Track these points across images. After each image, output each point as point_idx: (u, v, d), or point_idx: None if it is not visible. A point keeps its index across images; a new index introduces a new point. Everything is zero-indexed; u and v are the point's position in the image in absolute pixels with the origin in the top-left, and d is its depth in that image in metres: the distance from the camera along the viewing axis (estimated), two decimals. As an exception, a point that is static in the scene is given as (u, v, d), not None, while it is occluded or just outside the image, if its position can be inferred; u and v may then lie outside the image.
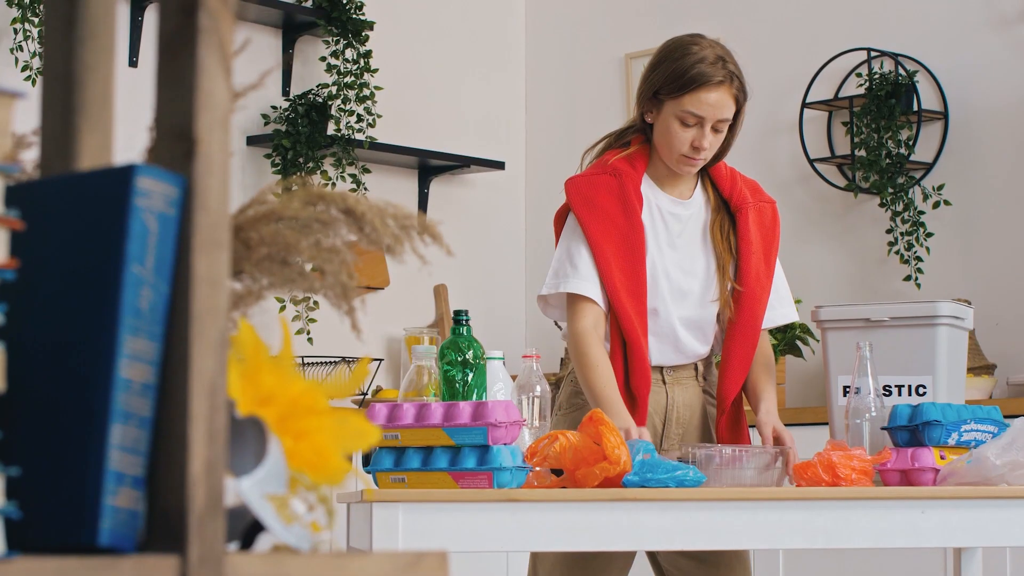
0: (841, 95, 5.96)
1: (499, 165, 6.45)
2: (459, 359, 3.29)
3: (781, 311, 3.71)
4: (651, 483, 3.06)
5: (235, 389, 1.30)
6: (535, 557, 3.65)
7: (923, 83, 5.82)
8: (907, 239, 5.74)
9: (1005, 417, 3.48)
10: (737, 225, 3.62)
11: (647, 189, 3.61)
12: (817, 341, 5.54)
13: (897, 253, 5.76)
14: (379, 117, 6.04)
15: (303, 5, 6.01)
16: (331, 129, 5.99)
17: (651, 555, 3.71)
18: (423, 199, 6.37)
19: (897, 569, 5.05)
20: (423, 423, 3.07)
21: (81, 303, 1.21)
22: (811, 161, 5.98)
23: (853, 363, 3.43)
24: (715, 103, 3.50)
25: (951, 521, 3.16)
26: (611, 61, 6.56)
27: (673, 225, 3.61)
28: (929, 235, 5.72)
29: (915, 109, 5.79)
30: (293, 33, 6.06)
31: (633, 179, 3.57)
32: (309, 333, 5.87)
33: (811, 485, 3.19)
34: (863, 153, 5.81)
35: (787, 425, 3.59)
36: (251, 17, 5.88)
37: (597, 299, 3.51)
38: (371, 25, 6.06)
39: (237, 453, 1.32)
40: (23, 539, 1.20)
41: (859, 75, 5.91)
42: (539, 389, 3.39)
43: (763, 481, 3.26)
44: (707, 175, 3.67)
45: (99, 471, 1.18)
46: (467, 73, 6.56)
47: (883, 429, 3.36)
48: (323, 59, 6.03)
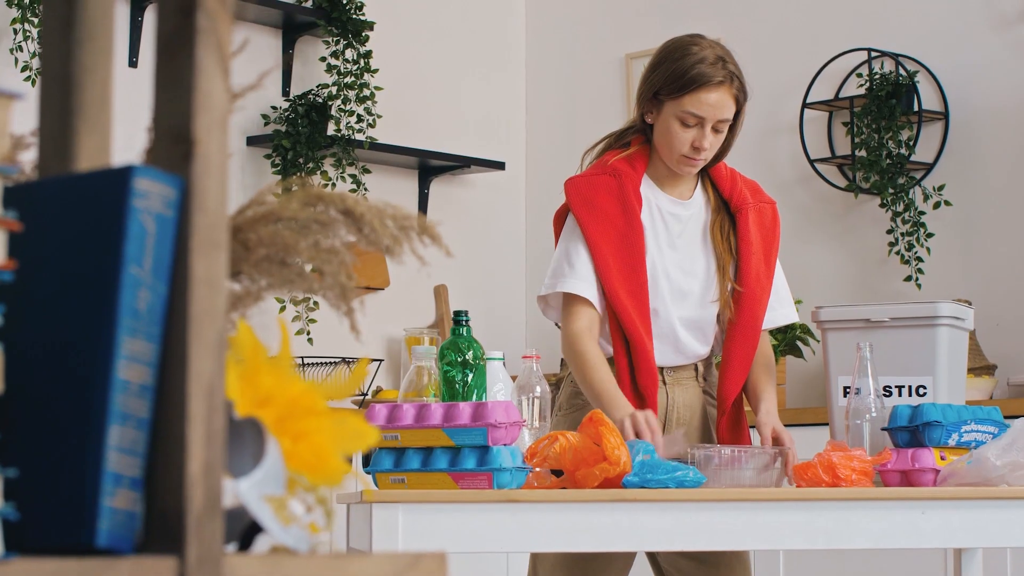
0: (842, 95, 5.95)
1: (499, 165, 6.44)
2: (459, 360, 3.29)
3: (781, 312, 3.70)
4: (651, 484, 3.06)
5: (233, 390, 1.30)
6: (535, 558, 3.65)
7: (924, 83, 5.82)
8: (908, 239, 5.74)
9: (1005, 418, 3.48)
10: (737, 226, 3.62)
11: (647, 189, 3.61)
12: (817, 341, 5.54)
13: (898, 253, 5.76)
14: (379, 117, 6.04)
15: (303, 5, 6.01)
16: (331, 129, 5.98)
17: (651, 556, 3.71)
18: (423, 199, 6.37)
19: (898, 570, 5.05)
20: (423, 424, 3.06)
21: (79, 304, 1.21)
22: (811, 161, 5.98)
23: (853, 364, 3.43)
24: (715, 103, 3.50)
25: (951, 522, 3.16)
26: (611, 61, 6.55)
27: (673, 225, 3.61)
28: (930, 235, 5.72)
29: (916, 109, 5.78)
30: (293, 33, 6.05)
31: (633, 179, 3.57)
32: (309, 334, 5.87)
33: (811, 486, 3.19)
34: (863, 153, 5.81)
35: (787, 426, 3.59)
36: (251, 17, 5.87)
37: (593, 300, 3.51)
38: (371, 25, 6.06)
39: (235, 454, 1.32)
40: (21, 540, 1.20)
41: (859, 75, 5.91)
42: (539, 390, 3.39)
43: (762, 482, 3.26)
44: (707, 175, 3.67)
45: (97, 472, 1.18)
46: (467, 73, 6.56)
47: (883, 430, 3.36)
48: (323, 59, 6.02)
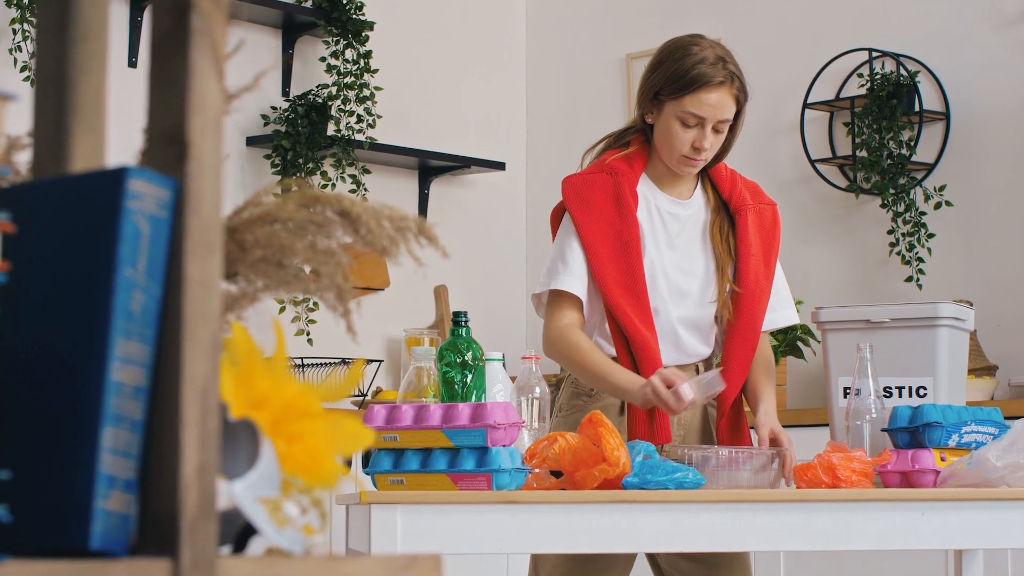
0: (842, 95, 5.95)
1: (499, 166, 6.44)
2: (458, 360, 3.29)
3: (782, 313, 3.70)
4: (650, 485, 3.05)
5: (228, 392, 1.30)
6: (536, 559, 3.65)
7: (924, 83, 5.81)
8: (908, 240, 5.73)
9: (1006, 418, 3.47)
10: (736, 227, 3.62)
11: (646, 189, 3.61)
12: (818, 342, 5.53)
13: (898, 254, 5.75)
14: (379, 117, 6.03)
15: (303, 5, 6.00)
16: (331, 130, 5.98)
17: (651, 557, 3.71)
18: (423, 200, 6.36)
19: (898, 571, 5.04)
20: (422, 425, 3.06)
21: (73, 306, 1.20)
22: (812, 162, 5.97)
23: (854, 364, 3.43)
24: (716, 104, 3.49)
25: (951, 523, 3.16)
26: (612, 61, 6.55)
27: (672, 225, 3.61)
28: (931, 236, 5.72)
29: (916, 110, 5.78)
30: (293, 33, 6.04)
31: (629, 177, 3.57)
32: (309, 334, 5.86)
33: (811, 487, 3.19)
34: (864, 154, 5.80)
35: (788, 426, 3.58)
36: (251, 17, 5.87)
37: (583, 298, 3.52)
38: (371, 25, 6.05)
39: (230, 456, 1.31)
40: (14, 543, 1.20)
41: (860, 75, 5.91)
42: (538, 391, 3.38)
43: (759, 483, 3.25)
44: (707, 176, 3.67)
45: (90, 474, 1.18)
46: (467, 73, 6.55)
47: (883, 431, 3.36)
48: (323, 59, 6.02)
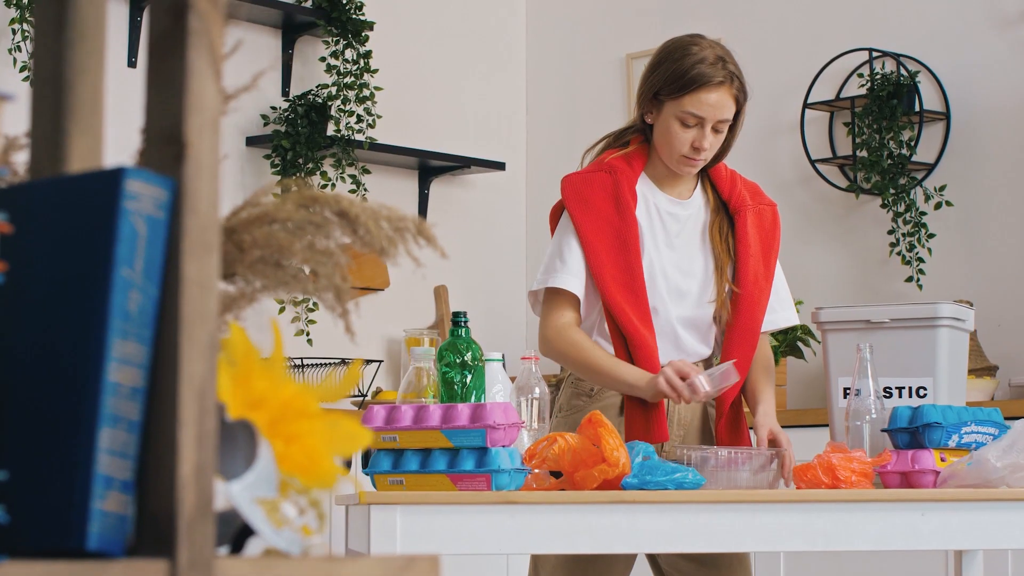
0: (843, 95, 5.95)
1: (499, 166, 6.44)
2: (457, 361, 3.29)
3: (782, 314, 3.70)
4: (650, 485, 3.05)
5: (225, 392, 1.30)
6: (536, 560, 3.64)
7: (925, 83, 5.81)
8: (909, 240, 5.73)
9: (1007, 419, 3.47)
10: (735, 227, 3.61)
11: (645, 188, 3.61)
12: (818, 342, 5.53)
13: (899, 254, 5.75)
14: (379, 117, 6.03)
15: (303, 5, 6.00)
16: (331, 130, 5.98)
17: (651, 557, 3.70)
18: (423, 200, 6.36)
19: (898, 571, 5.04)
20: (421, 425, 3.06)
21: (70, 306, 1.20)
22: (812, 162, 5.97)
23: (853, 365, 3.43)
24: (715, 103, 3.49)
25: (951, 523, 3.15)
26: (612, 61, 6.55)
27: (671, 225, 3.61)
28: (931, 236, 5.71)
29: (917, 109, 5.78)
30: (293, 33, 6.04)
31: (628, 176, 3.57)
32: (309, 335, 5.86)
33: (811, 487, 3.18)
34: (865, 154, 5.80)
35: (788, 427, 3.58)
36: (250, 17, 5.87)
37: (580, 296, 3.51)
38: (371, 25, 6.05)
39: (227, 457, 1.31)
40: (11, 544, 1.20)
41: (861, 75, 5.90)
42: (538, 391, 3.38)
43: (758, 483, 3.25)
44: (707, 176, 3.67)
45: (88, 475, 1.18)
46: (467, 73, 6.55)
47: (883, 431, 3.35)
48: (323, 59, 6.02)
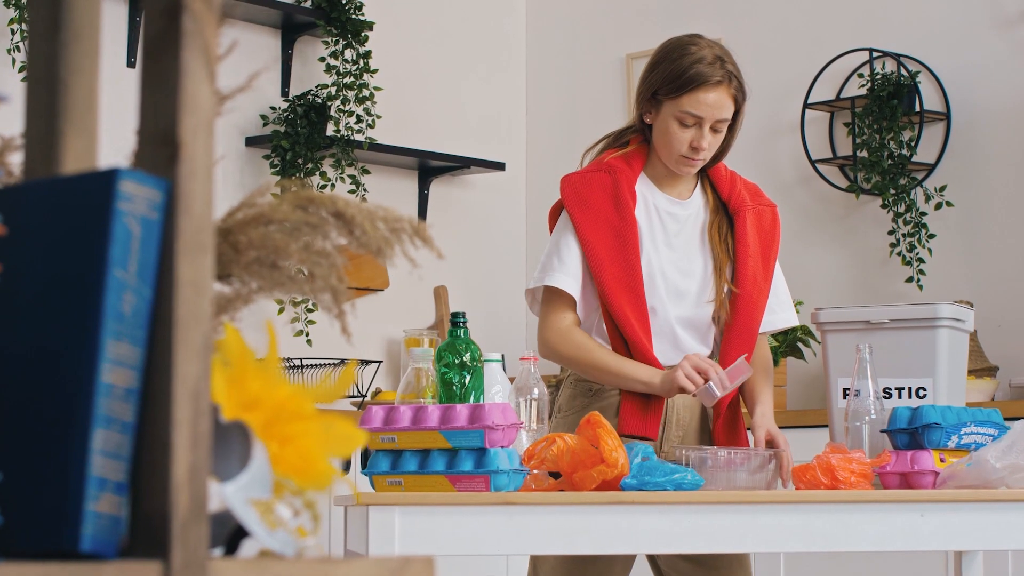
0: (843, 96, 5.94)
1: (499, 166, 6.43)
2: (456, 361, 3.28)
3: (781, 315, 3.69)
4: (649, 486, 3.05)
5: (220, 393, 1.29)
6: (535, 560, 3.64)
7: (925, 84, 5.81)
8: (909, 240, 5.73)
9: (1007, 419, 3.47)
10: (734, 228, 3.61)
11: (644, 188, 3.60)
12: (818, 343, 5.53)
13: (899, 255, 5.75)
14: (379, 118, 6.03)
15: (302, 5, 6.00)
16: (330, 130, 5.97)
17: (651, 558, 3.70)
18: (423, 200, 6.35)
19: (898, 572, 5.04)
20: (420, 426, 3.05)
21: (63, 307, 1.20)
22: (813, 162, 5.97)
23: (853, 365, 3.42)
24: (713, 103, 3.49)
25: (951, 524, 3.15)
26: (612, 61, 6.55)
27: (670, 225, 3.60)
28: (931, 236, 5.71)
29: (917, 110, 5.77)
30: (292, 33, 6.04)
31: (627, 176, 3.57)
32: (308, 335, 5.86)
33: (810, 488, 3.18)
34: (865, 154, 5.79)
35: (787, 427, 3.58)
36: (250, 17, 5.86)
37: (576, 297, 3.51)
38: (371, 25, 6.05)
39: (221, 458, 1.31)
40: (4, 545, 1.19)
41: (861, 76, 5.90)
42: (537, 392, 3.38)
43: (756, 483, 3.25)
44: (706, 176, 3.66)
45: (81, 476, 1.17)
46: (467, 73, 6.55)
47: (883, 432, 3.35)
48: (322, 59, 6.01)
